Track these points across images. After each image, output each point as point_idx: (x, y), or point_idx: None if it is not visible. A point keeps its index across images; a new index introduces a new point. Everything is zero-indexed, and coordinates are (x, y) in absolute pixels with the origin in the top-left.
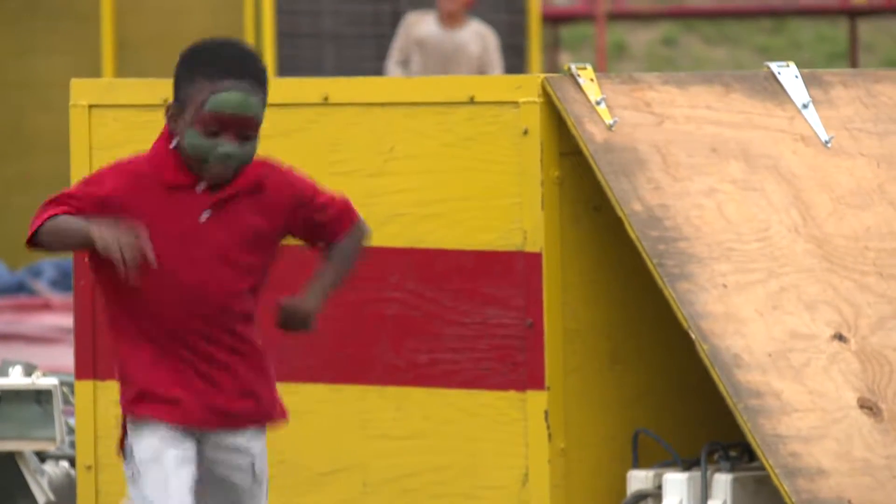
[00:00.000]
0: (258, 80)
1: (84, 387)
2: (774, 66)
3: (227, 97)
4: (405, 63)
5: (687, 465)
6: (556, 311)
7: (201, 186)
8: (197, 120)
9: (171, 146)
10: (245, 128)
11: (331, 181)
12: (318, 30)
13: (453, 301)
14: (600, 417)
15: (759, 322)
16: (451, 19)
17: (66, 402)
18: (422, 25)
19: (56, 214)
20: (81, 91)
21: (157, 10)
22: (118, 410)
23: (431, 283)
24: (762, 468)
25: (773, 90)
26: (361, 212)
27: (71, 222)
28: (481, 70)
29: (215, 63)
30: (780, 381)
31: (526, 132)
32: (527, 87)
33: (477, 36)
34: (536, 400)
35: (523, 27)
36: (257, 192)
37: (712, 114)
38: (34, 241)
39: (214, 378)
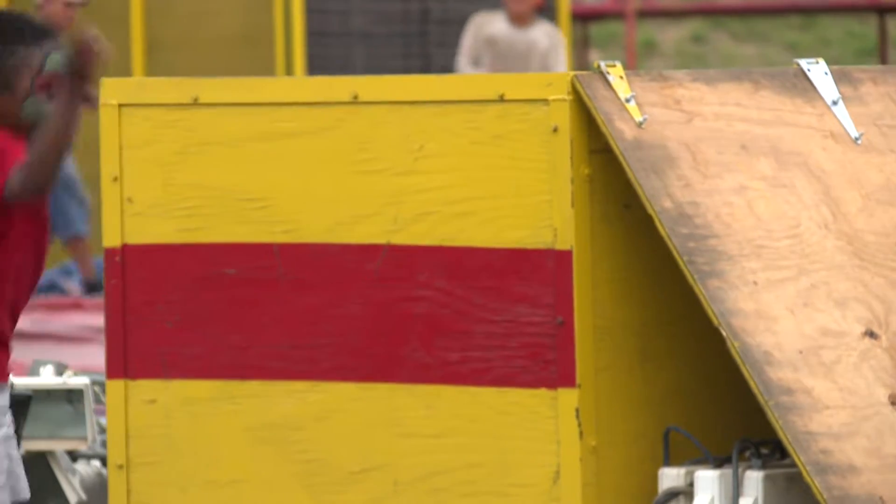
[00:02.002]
0: None
1: (115, 386)
2: (804, 62)
3: None
4: (477, 62)
5: (718, 463)
6: (586, 308)
7: None
8: (40, 84)
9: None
10: None
11: (360, 180)
12: (347, 28)
13: (483, 299)
14: (631, 415)
15: (789, 319)
16: (520, 20)
17: (98, 401)
18: (492, 24)
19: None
20: (111, 90)
21: (187, 11)
22: (150, 409)
23: (461, 281)
24: (793, 465)
25: (803, 87)
26: (391, 210)
27: (42, 138)
28: (549, 69)
29: (22, 28)
30: (811, 379)
31: (556, 130)
32: (556, 85)
33: (546, 35)
34: (567, 398)
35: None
36: None
37: (742, 111)
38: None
39: None
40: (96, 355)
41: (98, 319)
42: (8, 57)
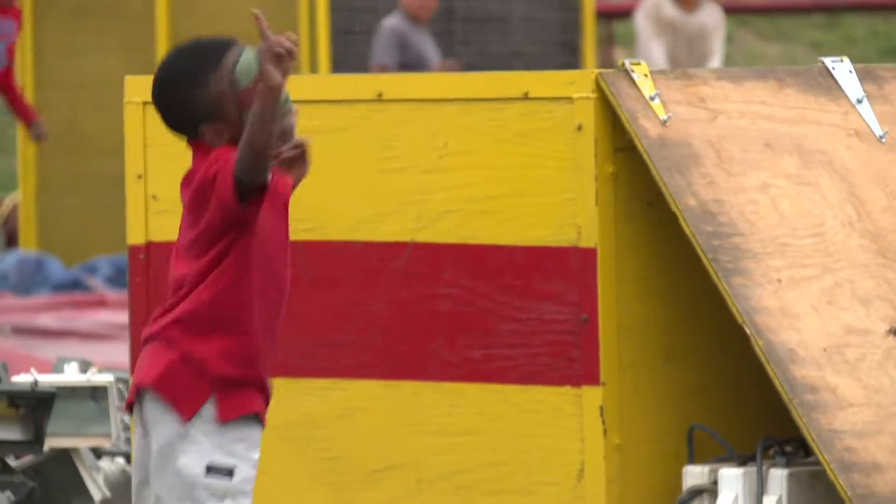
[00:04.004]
0: None
1: None
2: (828, 61)
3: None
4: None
5: (742, 461)
6: (610, 306)
7: None
8: (240, 95)
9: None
10: None
11: (384, 178)
12: (372, 26)
13: (507, 297)
14: (655, 413)
15: (813, 317)
16: (689, 4)
17: (122, 398)
18: (665, 9)
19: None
20: (135, 88)
21: (211, 9)
22: None
23: (485, 278)
24: (818, 463)
25: (827, 85)
26: (415, 208)
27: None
28: (713, 53)
29: (195, 61)
30: (836, 377)
31: (580, 128)
32: (581, 83)
33: (711, 16)
34: (592, 395)
35: (577, 24)
36: None
37: (766, 109)
38: (246, 178)
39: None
40: (120, 352)
41: (122, 316)
42: (202, 91)
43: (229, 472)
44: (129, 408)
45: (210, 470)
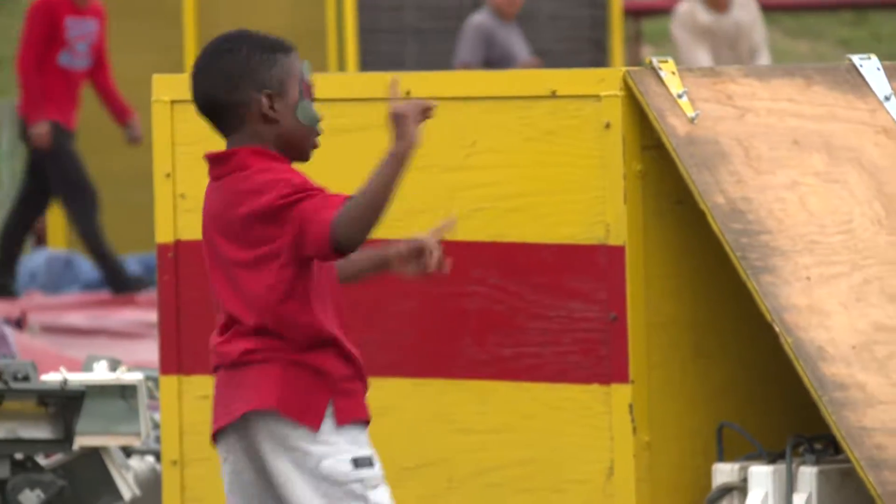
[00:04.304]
0: None
1: (169, 382)
2: (856, 58)
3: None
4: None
5: (772, 458)
6: (639, 304)
7: None
8: (305, 90)
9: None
10: None
11: (412, 176)
12: (399, 25)
13: (536, 295)
14: (684, 411)
15: (842, 314)
16: (719, 6)
17: (151, 396)
18: (699, 14)
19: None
20: (164, 87)
21: (239, 8)
22: (204, 405)
23: (514, 276)
24: (847, 461)
25: (855, 82)
26: (443, 206)
27: (370, 184)
28: (757, 47)
29: (270, 39)
30: (865, 374)
31: (608, 126)
32: (609, 81)
33: (746, 11)
34: (621, 393)
35: (605, 21)
36: None
37: (794, 106)
38: (348, 242)
39: None
40: (150, 351)
41: (151, 315)
42: (272, 64)
43: (370, 462)
44: (215, 438)
45: (357, 463)
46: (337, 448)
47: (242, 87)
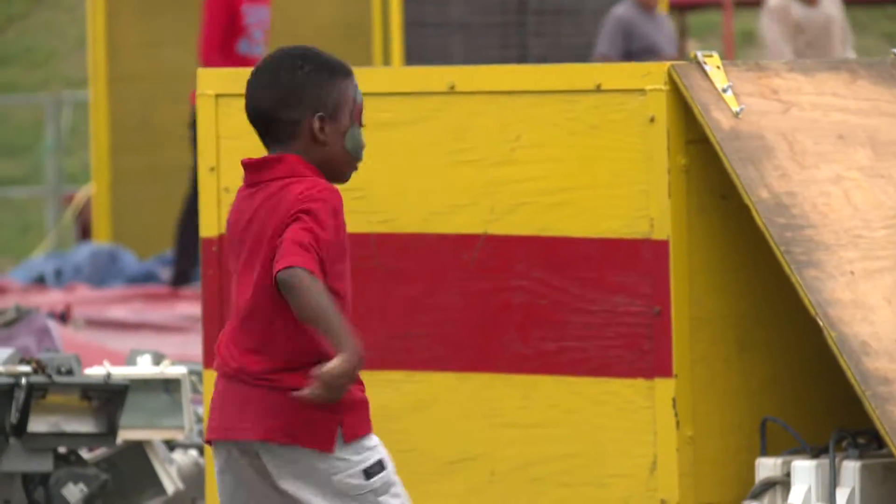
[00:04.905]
0: None
1: (212, 375)
2: None
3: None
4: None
5: (815, 453)
6: (683, 298)
7: None
8: (356, 115)
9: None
10: None
11: (456, 170)
12: (445, 19)
13: (580, 289)
14: (728, 405)
15: (886, 309)
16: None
17: (195, 390)
18: (792, 9)
19: (314, 273)
20: (208, 80)
21: (286, 2)
22: None
23: (558, 271)
24: (891, 455)
25: None
26: (487, 200)
27: (334, 314)
28: (847, 42)
29: (332, 62)
30: None
31: (652, 120)
32: (653, 75)
33: (832, 2)
34: (664, 388)
35: None
36: None
37: (839, 101)
38: (287, 285)
39: None
40: (194, 344)
41: (195, 309)
42: (331, 88)
43: (381, 466)
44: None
45: (369, 474)
46: (348, 463)
47: (298, 107)
